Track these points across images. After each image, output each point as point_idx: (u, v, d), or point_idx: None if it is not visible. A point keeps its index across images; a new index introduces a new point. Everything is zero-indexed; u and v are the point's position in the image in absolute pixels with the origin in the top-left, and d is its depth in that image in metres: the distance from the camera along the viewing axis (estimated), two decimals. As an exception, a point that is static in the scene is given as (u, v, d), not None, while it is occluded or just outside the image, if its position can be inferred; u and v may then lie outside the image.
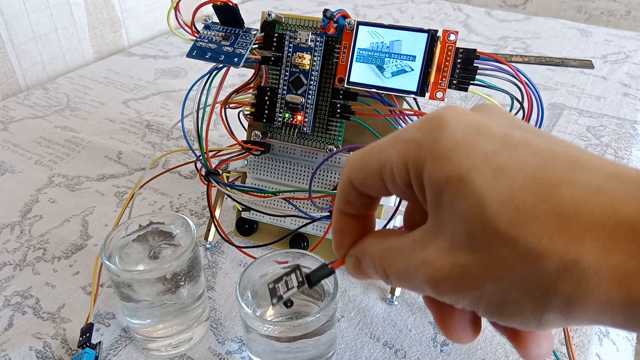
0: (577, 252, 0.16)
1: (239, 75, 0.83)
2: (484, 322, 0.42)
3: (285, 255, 0.38)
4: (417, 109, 0.41)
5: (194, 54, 0.41)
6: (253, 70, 0.45)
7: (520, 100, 0.39)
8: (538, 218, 0.16)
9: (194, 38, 0.42)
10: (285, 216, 0.44)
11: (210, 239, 0.50)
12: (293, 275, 0.25)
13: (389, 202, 0.44)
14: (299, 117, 0.43)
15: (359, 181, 0.22)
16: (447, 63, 0.39)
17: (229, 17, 0.42)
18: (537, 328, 0.18)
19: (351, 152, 0.38)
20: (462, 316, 0.21)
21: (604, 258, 0.15)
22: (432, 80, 0.39)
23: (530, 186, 0.17)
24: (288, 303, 0.26)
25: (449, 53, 0.38)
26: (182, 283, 0.38)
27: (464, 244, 0.18)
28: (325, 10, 0.40)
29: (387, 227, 0.46)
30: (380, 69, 0.40)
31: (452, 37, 0.38)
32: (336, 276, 0.36)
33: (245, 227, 0.49)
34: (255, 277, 0.38)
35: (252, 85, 0.45)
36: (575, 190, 0.16)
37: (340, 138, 0.44)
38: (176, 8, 0.41)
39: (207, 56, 0.41)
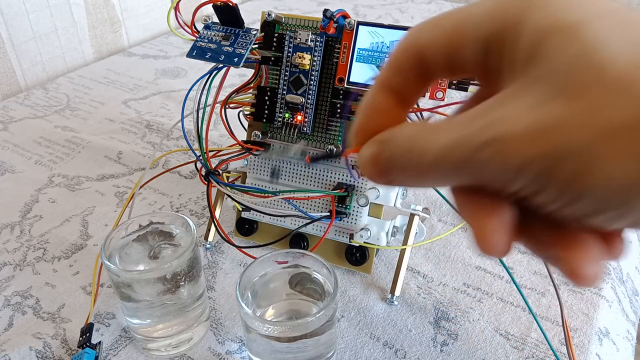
0: None
1: (239, 75, 0.83)
2: (488, 318, 0.42)
3: (285, 255, 0.38)
4: (416, 107, 0.41)
5: (194, 54, 0.41)
6: (253, 70, 0.45)
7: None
8: None
9: (194, 38, 0.42)
10: (285, 216, 0.44)
11: (210, 239, 0.50)
12: (297, 146, 0.23)
13: (389, 202, 0.44)
14: (299, 117, 0.43)
15: (426, 44, 0.19)
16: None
17: (229, 17, 0.42)
18: (624, 207, 0.14)
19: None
20: (503, 215, 0.18)
21: None
22: (432, 80, 0.39)
23: None
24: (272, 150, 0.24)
25: (449, 53, 0.38)
26: (182, 283, 0.38)
27: (559, 95, 0.15)
28: (325, 10, 0.40)
29: (387, 226, 0.46)
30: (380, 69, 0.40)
31: (452, 37, 0.38)
32: (336, 276, 0.36)
33: (245, 227, 0.49)
34: (255, 277, 0.38)
35: (252, 85, 0.45)
36: None
37: (340, 138, 0.44)
38: (176, 8, 0.41)
39: (207, 56, 0.41)
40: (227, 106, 0.45)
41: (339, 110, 0.43)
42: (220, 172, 0.44)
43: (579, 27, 0.15)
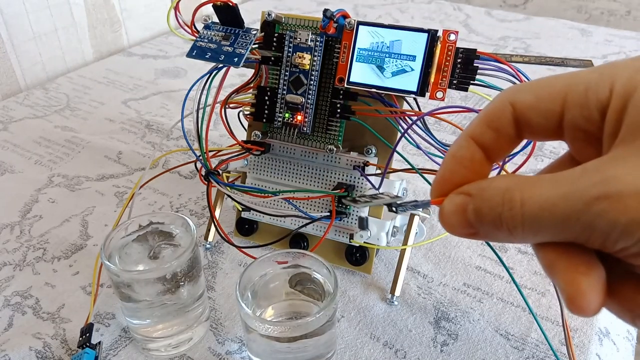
0: None
1: (239, 75, 0.83)
2: (488, 318, 0.42)
3: (285, 256, 0.38)
4: (417, 109, 0.41)
5: (193, 54, 0.41)
6: (253, 70, 0.45)
7: (521, 100, 0.39)
8: None
9: (194, 38, 0.42)
10: (285, 216, 0.44)
11: (210, 239, 0.50)
12: (386, 197, 0.24)
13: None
14: (299, 117, 0.43)
15: (527, 104, 0.19)
16: (447, 63, 0.39)
17: (229, 17, 0.42)
18: None
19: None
20: (597, 274, 0.18)
21: None
22: (432, 80, 0.39)
23: None
24: (364, 218, 0.24)
25: (449, 53, 0.38)
26: (182, 283, 0.38)
27: None
28: (325, 10, 0.40)
29: (387, 226, 0.46)
30: (381, 69, 0.40)
31: (452, 37, 0.38)
32: (336, 276, 0.36)
33: (245, 227, 0.49)
34: (255, 277, 0.38)
35: (252, 85, 0.45)
36: None
37: (340, 138, 0.44)
38: (176, 8, 0.41)
39: (207, 56, 0.41)
40: (227, 106, 0.45)
41: (339, 110, 0.43)
42: (220, 172, 0.44)
43: None
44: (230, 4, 0.41)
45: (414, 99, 0.41)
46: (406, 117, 0.41)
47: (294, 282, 0.38)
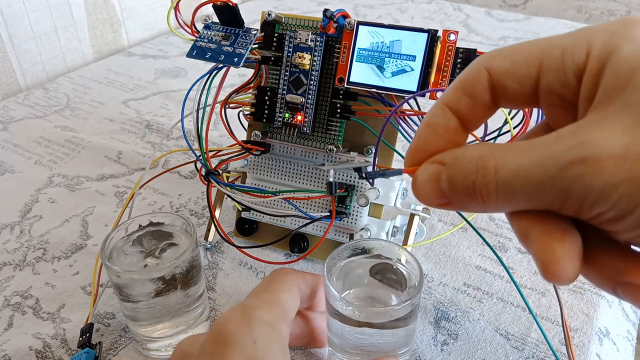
0: None
1: (239, 75, 0.83)
2: (488, 318, 0.42)
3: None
4: (417, 109, 0.41)
5: (193, 53, 0.41)
6: (253, 70, 0.45)
7: (521, 100, 0.39)
8: None
9: (194, 38, 0.42)
10: (285, 216, 0.44)
11: (210, 239, 0.50)
12: (357, 161, 0.23)
13: (389, 202, 0.44)
14: (299, 117, 0.43)
15: (503, 70, 0.19)
16: (447, 63, 0.39)
17: (229, 17, 0.42)
18: None
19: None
20: (572, 240, 0.17)
21: None
22: (432, 80, 0.39)
23: None
24: (331, 183, 0.24)
25: (449, 53, 0.38)
26: (182, 283, 0.38)
27: None
28: (325, 10, 0.40)
29: (387, 226, 0.46)
30: (380, 68, 0.40)
31: (452, 37, 0.38)
32: (421, 267, 0.35)
33: (245, 227, 0.49)
34: (342, 262, 0.37)
35: (252, 85, 0.45)
36: None
37: (340, 138, 0.44)
38: (176, 8, 0.41)
39: (207, 56, 0.41)
40: (227, 106, 0.45)
41: (339, 110, 0.43)
42: (220, 172, 0.44)
43: None
44: (230, 4, 0.41)
45: (414, 99, 0.41)
46: (406, 117, 0.41)
47: (374, 271, 0.38)
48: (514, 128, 0.40)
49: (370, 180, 0.23)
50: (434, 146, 0.20)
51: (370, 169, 0.22)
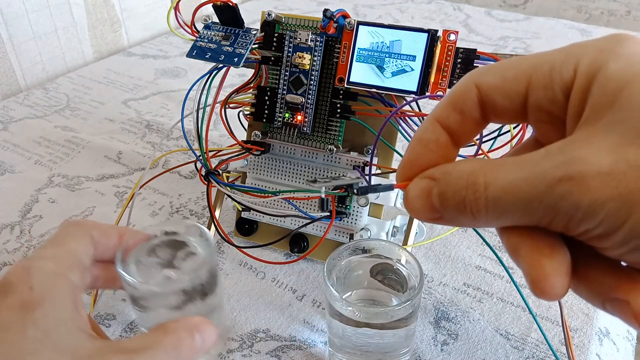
0: None
1: (239, 75, 0.83)
2: (488, 318, 0.42)
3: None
4: (417, 109, 0.41)
5: (193, 53, 0.41)
6: (253, 70, 0.45)
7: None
8: None
9: (194, 38, 0.42)
10: (285, 216, 0.44)
11: (210, 239, 0.50)
12: (347, 179, 0.23)
13: (389, 202, 0.44)
14: (299, 117, 0.43)
15: (493, 86, 0.19)
16: (447, 63, 0.39)
17: (229, 17, 0.42)
18: None
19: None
20: (561, 256, 0.17)
21: None
22: (432, 80, 0.39)
23: None
24: (324, 200, 0.24)
25: (449, 53, 0.38)
26: (201, 294, 0.35)
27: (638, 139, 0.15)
28: (325, 10, 0.40)
29: (387, 226, 0.46)
30: (380, 68, 0.40)
31: (452, 37, 0.38)
32: (422, 268, 0.35)
33: (245, 227, 0.49)
34: (342, 262, 0.37)
35: (252, 85, 0.45)
36: None
37: (340, 138, 0.44)
38: (176, 8, 0.41)
39: (207, 56, 0.41)
40: (227, 106, 0.45)
41: (339, 110, 0.43)
42: (220, 172, 0.44)
43: None
44: (230, 4, 0.41)
45: (414, 99, 0.41)
46: (406, 117, 0.41)
47: (374, 272, 0.38)
48: (514, 128, 0.40)
49: (362, 193, 0.23)
50: (425, 161, 0.20)
51: (373, 180, 0.22)
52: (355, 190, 0.23)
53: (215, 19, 0.43)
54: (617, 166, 0.15)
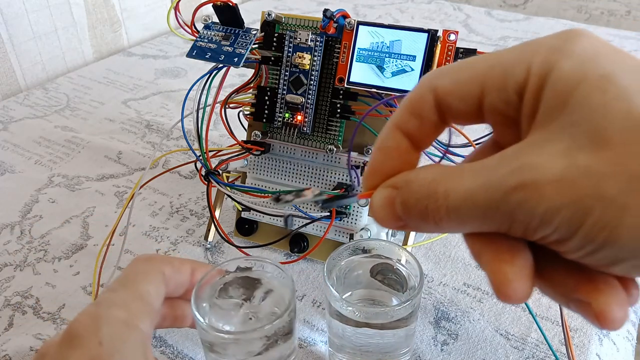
0: None
1: (239, 75, 0.83)
2: (488, 318, 0.42)
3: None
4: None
5: (194, 53, 0.41)
6: (253, 70, 0.45)
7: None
8: None
9: (194, 38, 0.42)
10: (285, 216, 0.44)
11: (210, 239, 0.50)
12: (310, 192, 0.22)
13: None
14: (299, 117, 0.43)
15: (447, 89, 0.19)
16: (447, 63, 0.39)
17: (229, 17, 0.42)
18: None
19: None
20: (523, 261, 0.18)
21: None
22: (432, 80, 0.39)
23: None
24: (288, 218, 0.25)
25: (449, 53, 0.38)
26: (283, 336, 0.33)
27: (592, 142, 0.15)
28: (325, 10, 0.40)
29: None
30: (381, 68, 0.40)
31: (452, 37, 0.38)
32: (422, 268, 0.35)
33: (245, 227, 0.49)
34: (341, 262, 0.37)
35: (252, 85, 0.45)
36: None
37: (340, 138, 0.44)
38: (176, 8, 0.41)
39: (207, 56, 0.41)
40: (227, 106, 0.45)
41: (339, 110, 0.43)
42: (220, 172, 0.44)
43: (609, 79, 0.15)
44: (230, 4, 0.41)
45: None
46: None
47: (374, 272, 0.38)
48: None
49: (326, 206, 0.23)
50: (388, 168, 0.20)
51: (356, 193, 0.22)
52: (320, 205, 0.23)
53: (215, 19, 0.43)
54: (569, 172, 0.15)
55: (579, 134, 0.15)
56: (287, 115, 0.43)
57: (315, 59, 0.42)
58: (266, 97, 0.43)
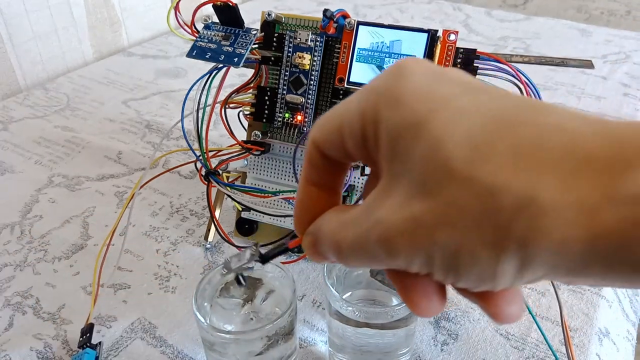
0: (534, 189, 0.14)
1: (239, 75, 0.83)
2: (484, 323, 0.42)
3: None
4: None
5: (193, 53, 0.41)
6: (253, 70, 0.45)
7: (521, 100, 0.39)
8: (495, 155, 0.15)
9: (194, 38, 0.42)
10: (285, 216, 0.44)
11: (210, 239, 0.50)
12: (248, 251, 0.24)
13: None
14: (299, 117, 0.43)
15: (320, 141, 0.20)
16: (447, 63, 0.39)
17: (229, 17, 0.42)
18: (493, 283, 0.16)
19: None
20: (425, 285, 0.19)
21: (563, 194, 0.14)
22: (432, 80, 0.39)
23: (490, 126, 0.16)
24: (239, 278, 0.26)
25: (449, 53, 0.38)
26: (284, 336, 0.33)
27: (418, 193, 0.16)
28: (325, 10, 0.40)
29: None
30: (381, 69, 0.40)
31: (452, 37, 0.38)
32: None
33: (245, 227, 0.49)
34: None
35: (252, 85, 0.45)
36: (536, 128, 0.15)
37: (340, 138, 0.44)
38: (176, 8, 0.41)
39: (207, 56, 0.41)
40: (227, 106, 0.45)
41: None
42: (220, 172, 0.44)
43: (423, 125, 0.16)
44: (230, 4, 0.41)
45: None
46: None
47: (374, 272, 0.38)
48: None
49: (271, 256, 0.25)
50: (310, 216, 0.21)
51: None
52: (262, 261, 0.25)
53: (215, 19, 0.43)
54: (409, 225, 0.16)
55: (410, 184, 0.17)
56: (287, 115, 0.43)
57: (315, 59, 0.42)
58: (266, 97, 0.43)
